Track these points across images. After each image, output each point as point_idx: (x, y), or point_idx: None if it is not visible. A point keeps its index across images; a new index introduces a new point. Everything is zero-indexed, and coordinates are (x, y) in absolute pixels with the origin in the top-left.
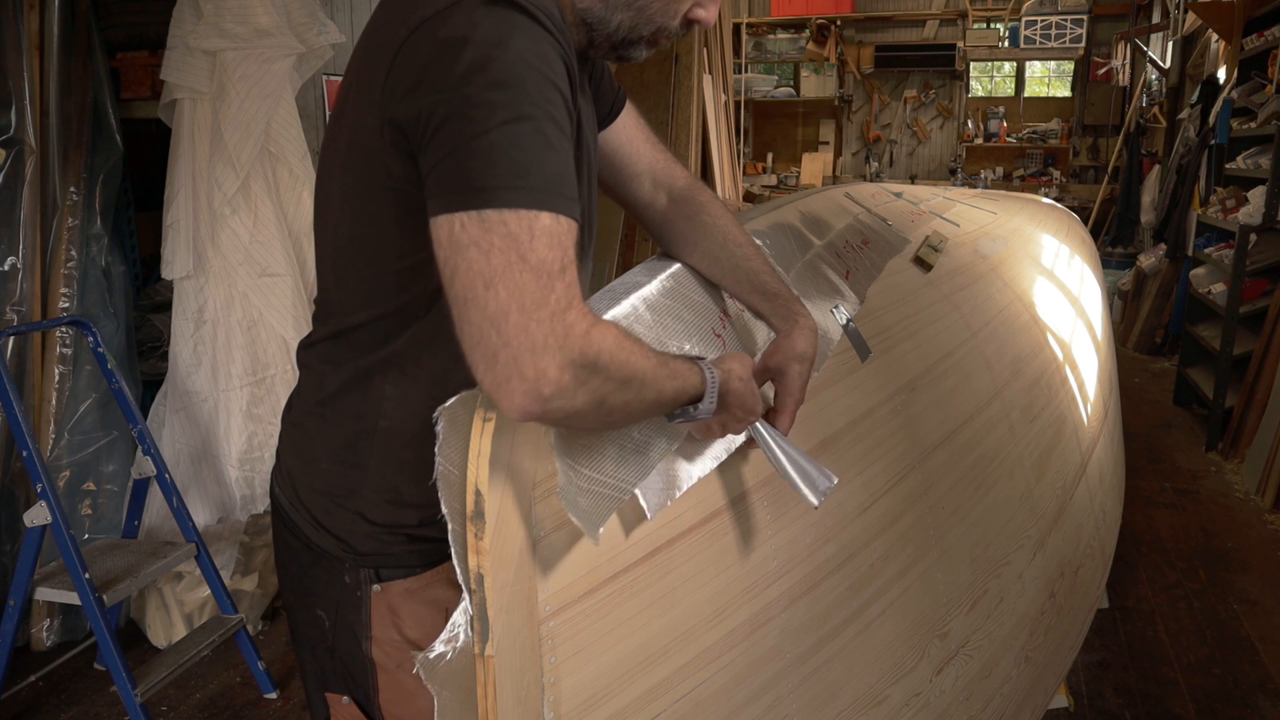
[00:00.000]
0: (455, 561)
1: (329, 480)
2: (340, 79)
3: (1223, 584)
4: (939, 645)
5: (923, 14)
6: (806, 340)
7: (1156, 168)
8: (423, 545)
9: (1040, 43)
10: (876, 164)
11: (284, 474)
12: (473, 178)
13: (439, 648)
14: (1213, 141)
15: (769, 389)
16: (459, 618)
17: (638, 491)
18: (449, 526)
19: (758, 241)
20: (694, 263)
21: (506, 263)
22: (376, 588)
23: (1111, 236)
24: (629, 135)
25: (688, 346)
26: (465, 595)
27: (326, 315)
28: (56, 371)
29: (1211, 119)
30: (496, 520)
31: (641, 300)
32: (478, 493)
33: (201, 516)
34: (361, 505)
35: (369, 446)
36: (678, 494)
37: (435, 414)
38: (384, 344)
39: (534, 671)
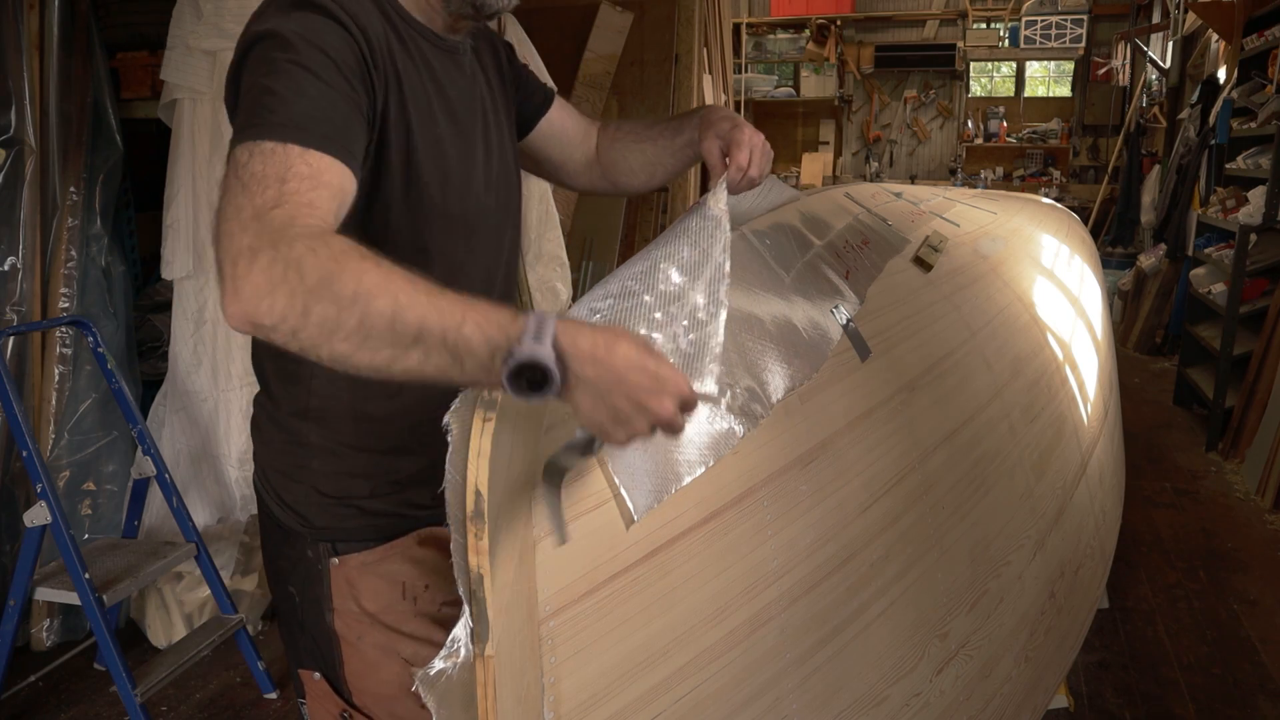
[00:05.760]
0: (455, 572)
1: (284, 459)
2: None
3: (1223, 584)
4: (939, 645)
5: (923, 14)
6: (721, 110)
7: (1156, 168)
8: (375, 519)
9: (1040, 43)
10: (876, 164)
11: (257, 461)
12: (234, 128)
13: (439, 664)
14: (1213, 141)
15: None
16: (459, 632)
17: (624, 492)
18: (451, 538)
19: (755, 243)
20: (636, 173)
21: (227, 186)
22: (335, 560)
23: (1111, 236)
24: (561, 117)
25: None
26: (465, 607)
27: None
28: (56, 371)
29: (1211, 119)
30: (496, 520)
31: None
32: (478, 493)
33: (201, 516)
34: (313, 479)
35: (307, 424)
36: (668, 495)
37: (445, 420)
38: None
39: (534, 671)
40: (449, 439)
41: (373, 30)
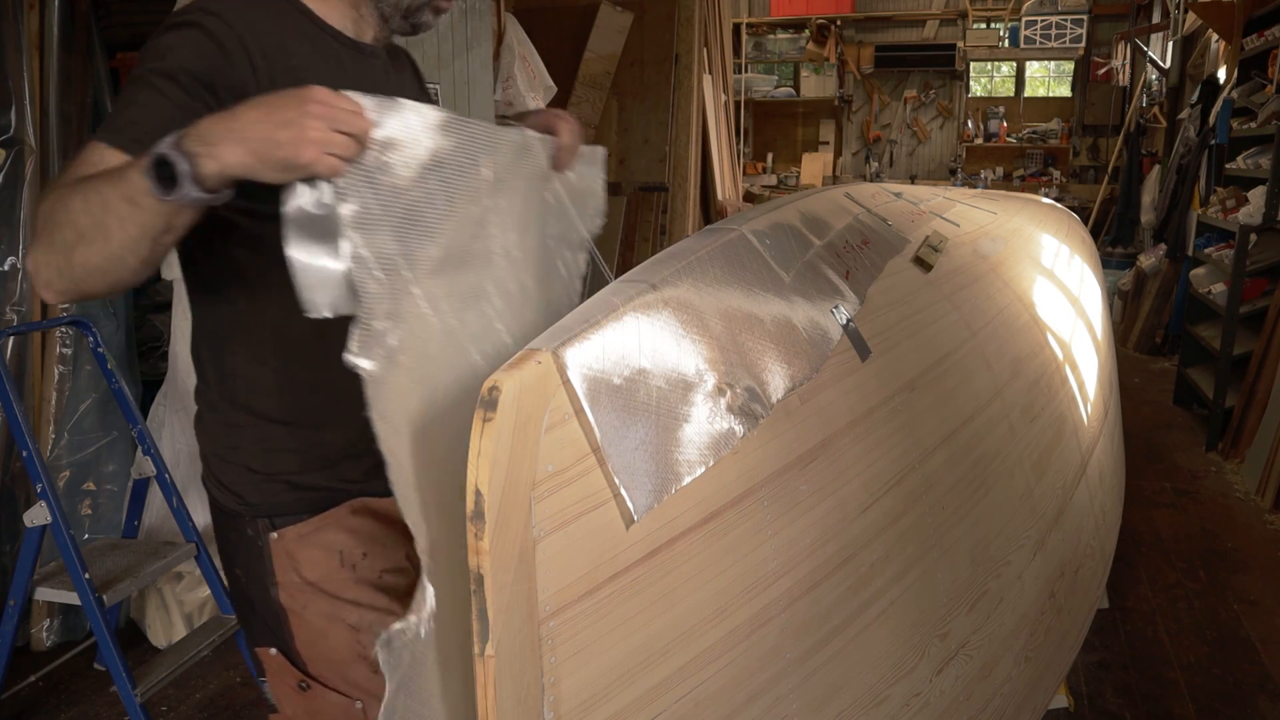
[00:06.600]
0: (405, 513)
1: (218, 441)
2: None
3: (1223, 584)
4: (939, 645)
5: (923, 14)
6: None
7: (1156, 168)
8: (307, 493)
9: (1040, 43)
10: (876, 164)
11: (201, 453)
12: None
13: (398, 625)
14: (1213, 141)
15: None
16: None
17: (624, 492)
18: (394, 489)
19: (755, 243)
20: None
21: None
22: (274, 535)
23: (1111, 236)
24: None
25: None
26: (424, 579)
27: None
28: (56, 371)
29: (1211, 119)
30: (496, 520)
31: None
32: (478, 493)
33: (201, 516)
34: (245, 457)
35: (234, 406)
36: (669, 494)
37: (344, 355)
38: (211, 309)
39: (534, 671)
40: (360, 374)
41: (259, 37)
